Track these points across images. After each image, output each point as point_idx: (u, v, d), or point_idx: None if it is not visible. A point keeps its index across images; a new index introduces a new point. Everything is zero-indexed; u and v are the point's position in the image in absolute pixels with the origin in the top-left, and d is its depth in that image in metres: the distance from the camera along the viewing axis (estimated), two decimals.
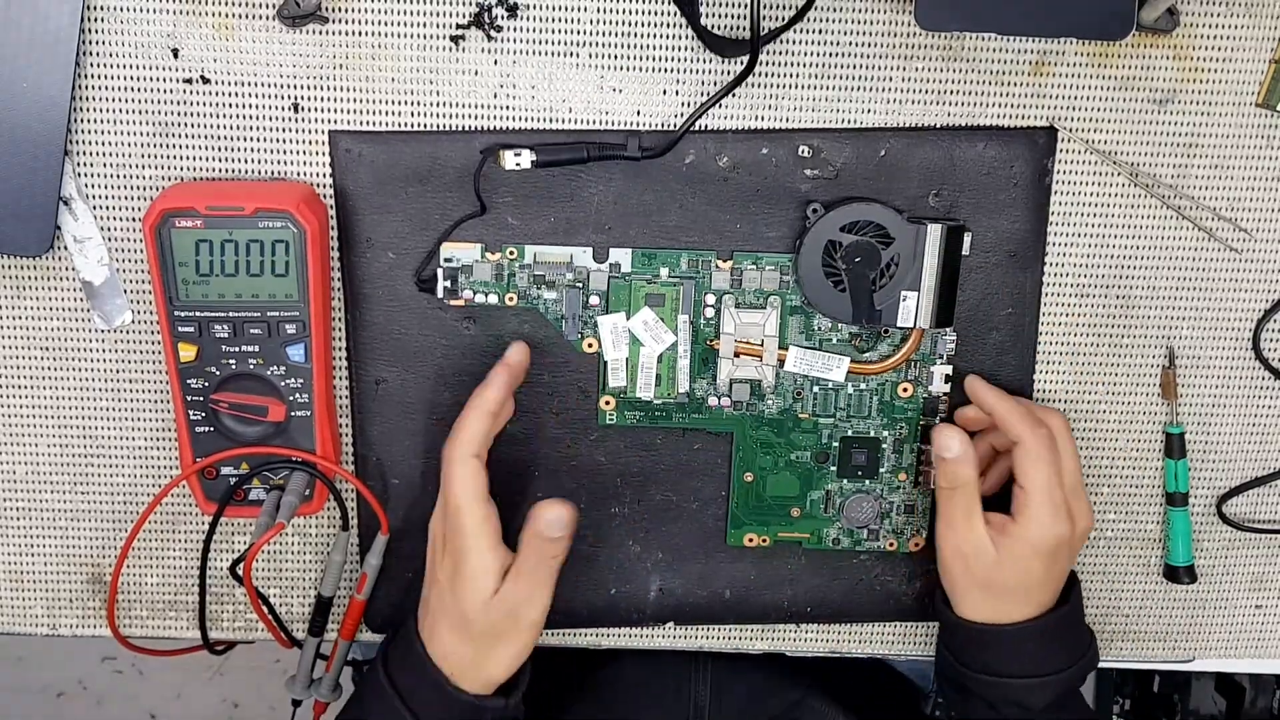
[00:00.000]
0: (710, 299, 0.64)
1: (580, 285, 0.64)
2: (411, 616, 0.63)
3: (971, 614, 0.63)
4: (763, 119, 0.63)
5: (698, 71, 0.62)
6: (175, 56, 0.61)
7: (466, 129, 0.62)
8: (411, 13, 0.60)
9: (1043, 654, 0.63)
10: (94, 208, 0.63)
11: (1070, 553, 0.63)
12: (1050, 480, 0.60)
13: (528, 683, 0.63)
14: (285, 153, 0.62)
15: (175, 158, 0.62)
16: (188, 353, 0.61)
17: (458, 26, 0.61)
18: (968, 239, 0.64)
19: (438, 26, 0.61)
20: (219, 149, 0.62)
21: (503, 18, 0.61)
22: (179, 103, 0.61)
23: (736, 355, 0.65)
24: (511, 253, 0.63)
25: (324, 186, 0.63)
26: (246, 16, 0.60)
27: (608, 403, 0.66)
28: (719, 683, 0.77)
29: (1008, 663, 0.63)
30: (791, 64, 0.62)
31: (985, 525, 0.62)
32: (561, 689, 0.76)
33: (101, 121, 0.61)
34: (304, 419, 0.62)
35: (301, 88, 0.61)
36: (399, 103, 0.62)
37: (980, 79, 0.63)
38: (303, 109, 0.62)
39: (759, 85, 0.62)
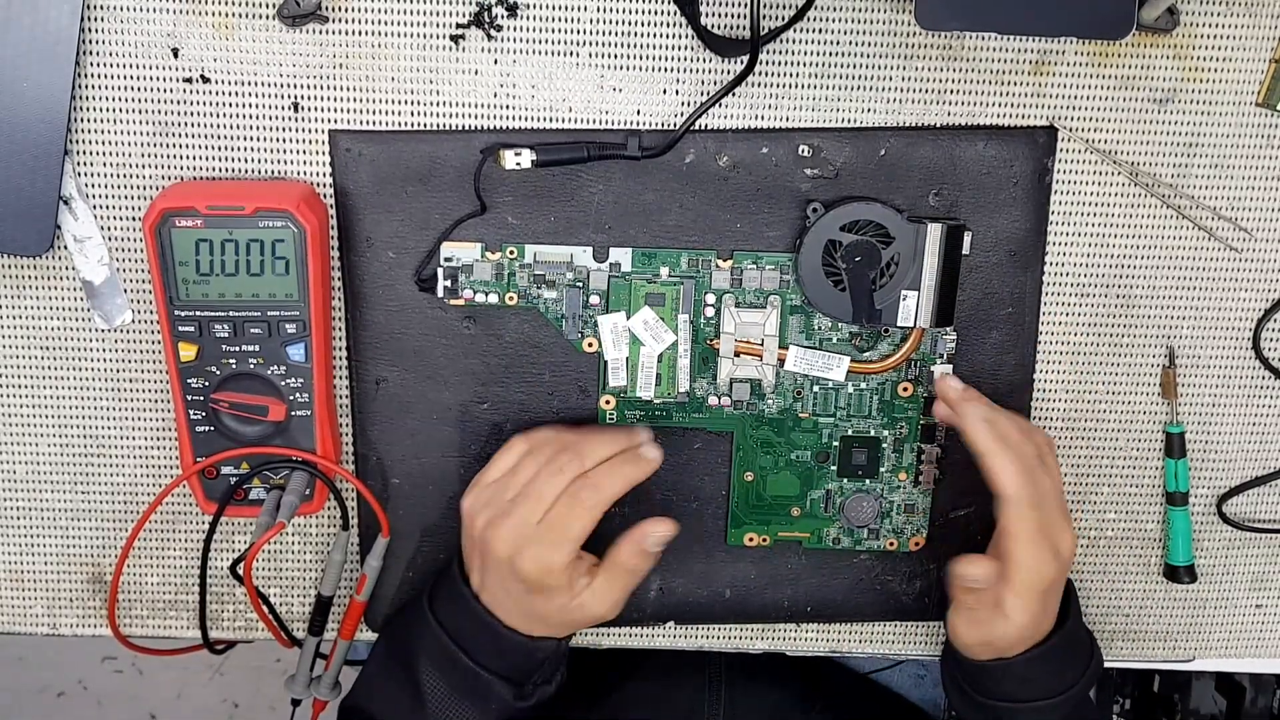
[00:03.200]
0: (710, 298, 0.64)
1: (580, 285, 0.64)
2: (455, 560, 0.63)
3: (978, 656, 0.63)
4: (763, 119, 0.63)
5: (698, 71, 0.62)
6: (175, 56, 0.61)
7: (466, 129, 0.62)
8: (411, 12, 0.60)
9: (1054, 675, 0.62)
10: (94, 207, 0.63)
11: (1062, 580, 0.61)
12: (1032, 531, 0.58)
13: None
14: (285, 152, 0.62)
15: (175, 157, 0.62)
16: (188, 352, 0.61)
17: (458, 26, 0.61)
18: (968, 238, 0.64)
19: (438, 26, 0.61)
20: (219, 149, 0.62)
21: (503, 17, 0.61)
22: (179, 102, 0.61)
23: (736, 355, 0.65)
24: (511, 252, 0.63)
25: (324, 186, 0.63)
26: (246, 16, 0.60)
27: (608, 402, 0.66)
28: (732, 703, 0.77)
29: (1019, 689, 0.62)
30: (791, 64, 0.62)
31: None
32: (572, 710, 0.76)
33: (101, 121, 0.61)
34: (304, 419, 0.62)
35: (301, 87, 0.61)
36: (399, 102, 0.62)
37: (980, 79, 0.63)
38: (303, 109, 0.62)
39: (759, 85, 0.62)
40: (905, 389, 0.66)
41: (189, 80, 0.61)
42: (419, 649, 0.63)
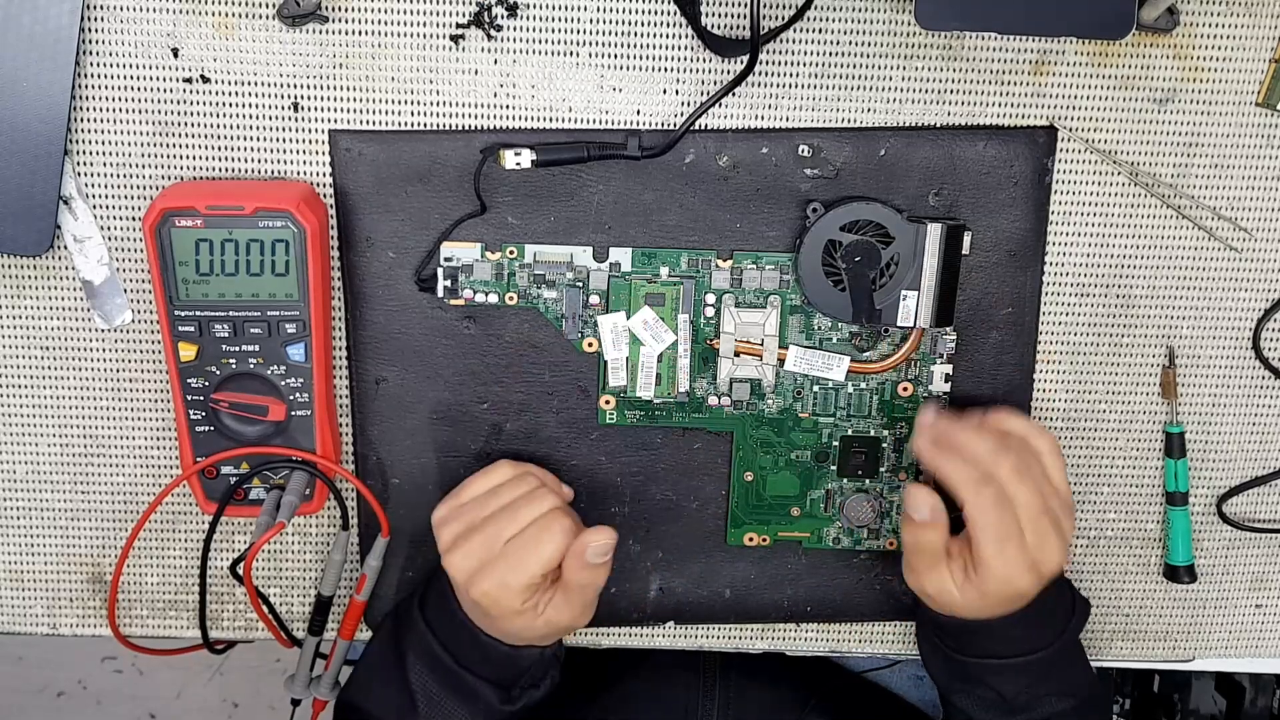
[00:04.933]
0: (710, 298, 0.64)
1: (580, 284, 0.64)
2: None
3: (941, 610, 0.62)
4: (763, 118, 0.63)
5: (698, 71, 0.62)
6: (175, 56, 0.61)
7: (466, 128, 0.62)
8: (411, 12, 0.60)
9: (1033, 633, 0.62)
10: (94, 207, 0.63)
11: (1040, 587, 0.60)
12: (1001, 541, 0.57)
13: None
14: (285, 152, 0.62)
15: (175, 157, 0.62)
16: (188, 352, 0.61)
17: (458, 26, 0.61)
18: (968, 238, 0.64)
19: (438, 26, 0.61)
20: (219, 148, 0.62)
21: (503, 17, 0.61)
22: (179, 102, 0.61)
23: (736, 354, 0.65)
24: (511, 252, 0.63)
25: (324, 186, 0.63)
26: (246, 16, 0.60)
27: (608, 402, 0.66)
28: (727, 704, 0.77)
29: (999, 647, 0.62)
30: (791, 64, 0.62)
31: (948, 571, 0.60)
32: (568, 710, 0.76)
33: (101, 121, 0.61)
34: (304, 418, 0.62)
35: (301, 87, 0.61)
36: (399, 102, 0.62)
37: (980, 79, 0.63)
38: (303, 108, 0.62)
39: (759, 85, 0.62)
40: (905, 389, 0.66)
41: (189, 80, 0.61)
42: (409, 648, 0.63)
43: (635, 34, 0.61)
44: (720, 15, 0.61)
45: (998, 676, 0.63)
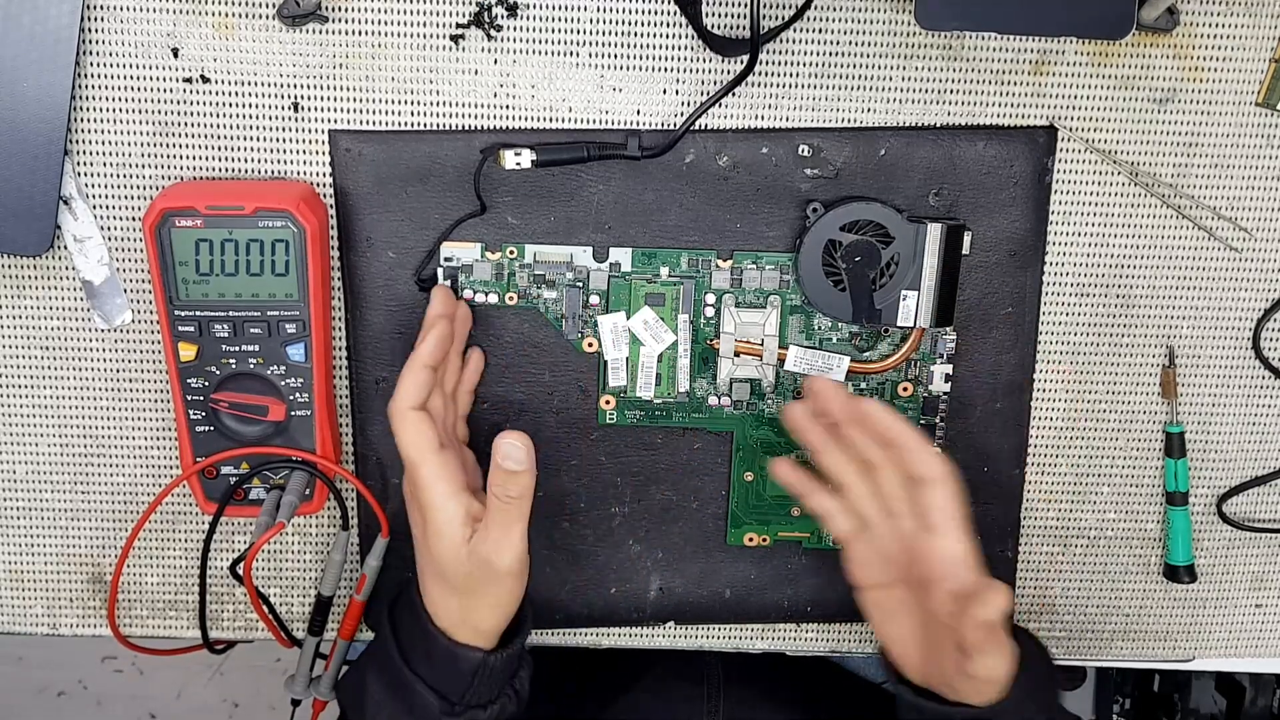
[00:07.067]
0: (710, 298, 0.64)
1: (580, 285, 0.64)
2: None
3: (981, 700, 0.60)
4: (763, 118, 0.63)
5: (698, 71, 0.62)
6: (175, 56, 0.61)
7: (466, 128, 0.62)
8: (411, 12, 0.60)
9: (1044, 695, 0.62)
10: (94, 207, 0.63)
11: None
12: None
13: (528, 633, 0.63)
14: (285, 152, 0.62)
15: (175, 157, 0.62)
16: (188, 352, 0.61)
17: (458, 26, 0.61)
18: (968, 238, 0.64)
19: (438, 26, 0.61)
20: (219, 148, 0.62)
21: (502, 17, 0.61)
22: (179, 102, 0.61)
23: (736, 355, 0.65)
24: (511, 252, 0.63)
25: (324, 186, 0.63)
26: (246, 16, 0.60)
27: (608, 402, 0.66)
28: (730, 714, 0.77)
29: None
30: (791, 64, 0.62)
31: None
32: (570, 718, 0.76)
33: (101, 121, 0.61)
34: (304, 418, 0.62)
35: (301, 87, 0.61)
36: (399, 102, 0.62)
37: (980, 79, 0.63)
38: (303, 108, 0.62)
39: (759, 85, 0.62)
40: (905, 389, 0.66)
41: (189, 80, 0.61)
42: (371, 647, 0.63)
43: (635, 34, 0.61)
44: (720, 15, 0.61)
45: None
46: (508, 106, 0.62)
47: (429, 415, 0.58)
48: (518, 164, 0.60)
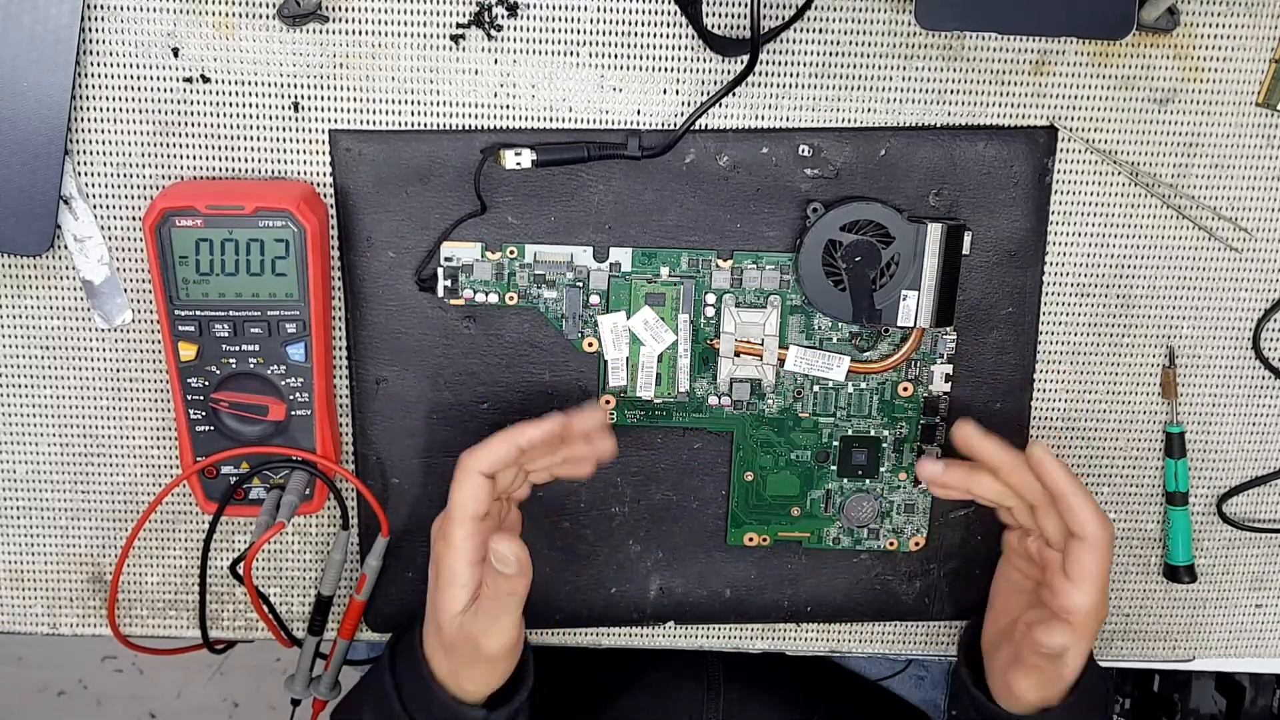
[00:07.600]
0: (710, 298, 0.64)
1: (580, 284, 0.64)
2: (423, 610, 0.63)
3: (1026, 710, 0.62)
4: (763, 118, 0.63)
5: (698, 71, 0.62)
6: (175, 56, 0.61)
7: (466, 128, 0.62)
8: (411, 12, 0.60)
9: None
10: (94, 207, 0.63)
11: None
12: (1107, 575, 0.59)
13: (529, 688, 0.63)
14: (285, 152, 0.62)
15: (175, 157, 0.62)
16: (188, 352, 0.61)
17: (458, 26, 0.61)
18: (968, 238, 0.64)
19: (438, 26, 0.61)
20: (219, 148, 0.62)
21: (503, 17, 0.61)
22: (179, 102, 0.61)
23: (737, 354, 0.65)
24: (512, 252, 0.63)
25: (324, 186, 0.63)
26: (246, 16, 0.60)
27: (608, 402, 0.66)
28: (730, 715, 0.77)
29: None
30: (791, 63, 0.62)
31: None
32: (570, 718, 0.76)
33: (101, 121, 0.61)
34: (304, 418, 0.62)
35: (301, 87, 0.61)
36: (399, 102, 0.62)
37: (980, 79, 0.63)
38: (303, 108, 0.62)
39: (759, 85, 0.62)
40: (905, 389, 0.66)
41: (189, 80, 0.61)
42: (368, 679, 0.63)
43: (635, 34, 0.61)
44: (720, 15, 0.61)
45: None
46: (508, 106, 0.62)
47: (493, 483, 0.58)
48: (518, 164, 0.60)
